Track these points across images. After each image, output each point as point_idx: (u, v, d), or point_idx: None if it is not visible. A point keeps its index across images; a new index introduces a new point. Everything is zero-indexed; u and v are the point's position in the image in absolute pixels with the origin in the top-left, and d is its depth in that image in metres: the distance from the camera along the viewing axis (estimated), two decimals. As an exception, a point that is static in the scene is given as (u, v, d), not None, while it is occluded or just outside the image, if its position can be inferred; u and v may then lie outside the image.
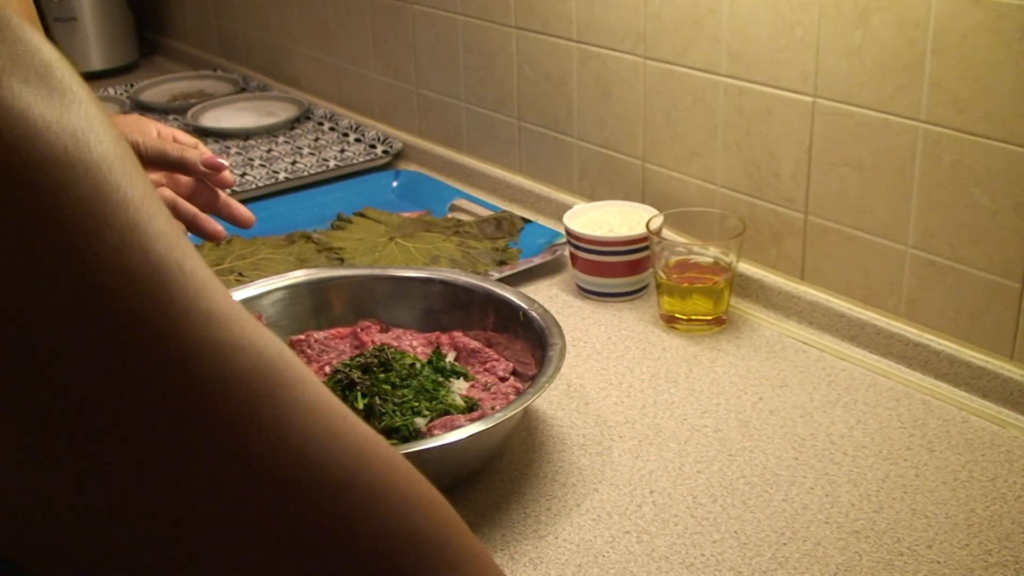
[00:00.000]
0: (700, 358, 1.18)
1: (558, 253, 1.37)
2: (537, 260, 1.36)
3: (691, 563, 0.88)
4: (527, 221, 1.47)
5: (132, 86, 2.19)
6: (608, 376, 1.15)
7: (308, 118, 1.94)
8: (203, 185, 1.11)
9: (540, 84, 1.51)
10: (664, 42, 1.30)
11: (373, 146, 1.78)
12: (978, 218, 1.05)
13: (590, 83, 1.43)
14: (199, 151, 1.07)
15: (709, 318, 1.22)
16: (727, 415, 1.08)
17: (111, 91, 2.16)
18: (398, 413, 0.96)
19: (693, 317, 1.22)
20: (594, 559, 0.89)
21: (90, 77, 2.31)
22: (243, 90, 2.13)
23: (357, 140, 1.82)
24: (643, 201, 1.38)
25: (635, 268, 1.29)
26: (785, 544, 0.90)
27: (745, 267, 1.27)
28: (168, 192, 1.09)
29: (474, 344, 1.10)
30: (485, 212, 1.52)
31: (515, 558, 0.89)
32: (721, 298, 1.22)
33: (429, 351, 1.09)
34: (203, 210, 1.10)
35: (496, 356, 1.09)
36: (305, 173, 1.69)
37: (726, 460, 1.01)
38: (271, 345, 0.38)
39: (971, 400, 1.08)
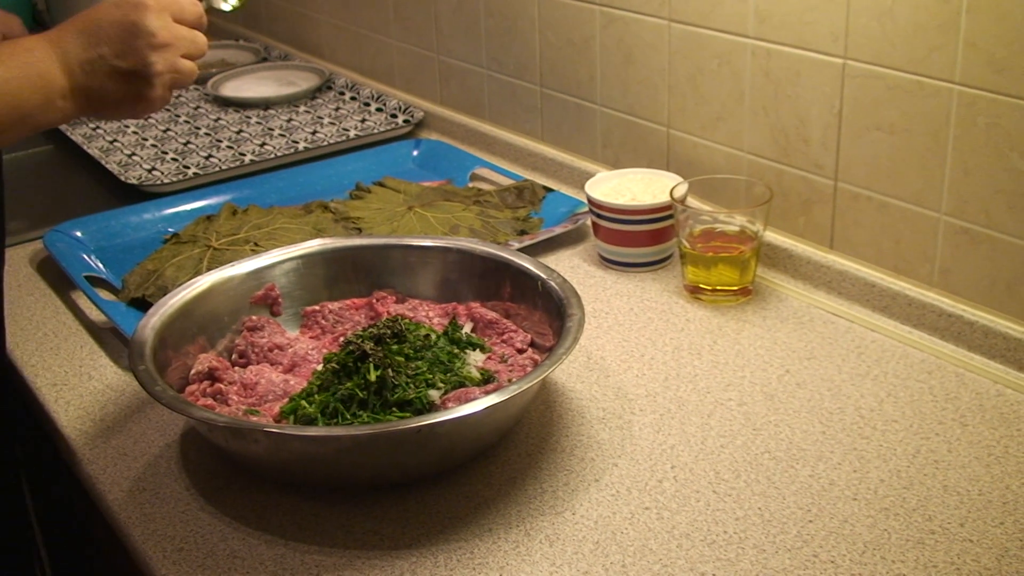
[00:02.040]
0: (725, 329, 1.15)
1: (580, 222, 1.34)
2: (558, 229, 1.33)
3: (713, 540, 0.85)
4: (549, 190, 1.44)
5: (153, 56, 2.17)
6: (630, 348, 1.12)
7: (329, 88, 1.91)
8: None
9: (562, 49, 1.47)
10: (689, 3, 1.26)
11: (394, 115, 1.75)
12: (1015, 183, 1.01)
13: (613, 47, 1.39)
14: None
15: (735, 288, 1.19)
16: (752, 388, 1.04)
17: (132, 61, 2.14)
18: (411, 385, 0.94)
19: (718, 287, 1.19)
20: (612, 536, 0.86)
21: (112, 48, 2.30)
22: (264, 59, 2.11)
23: (379, 110, 1.79)
24: (667, 168, 1.35)
25: (659, 237, 1.25)
26: (811, 521, 0.87)
27: (772, 236, 1.24)
28: None
29: (491, 315, 1.07)
30: (506, 181, 1.49)
31: (531, 534, 0.87)
32: (747, 268, 1.18)
33: (445, 322, 1.07)
34: None
35: (514, 327, 1.06)
36: (325, 143, 1.66)
37: (750, 434, 0.98)
38: None
39: (1006, 373, 1.04)
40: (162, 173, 1.57)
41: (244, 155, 1.63)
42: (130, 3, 0.94)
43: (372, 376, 0.93)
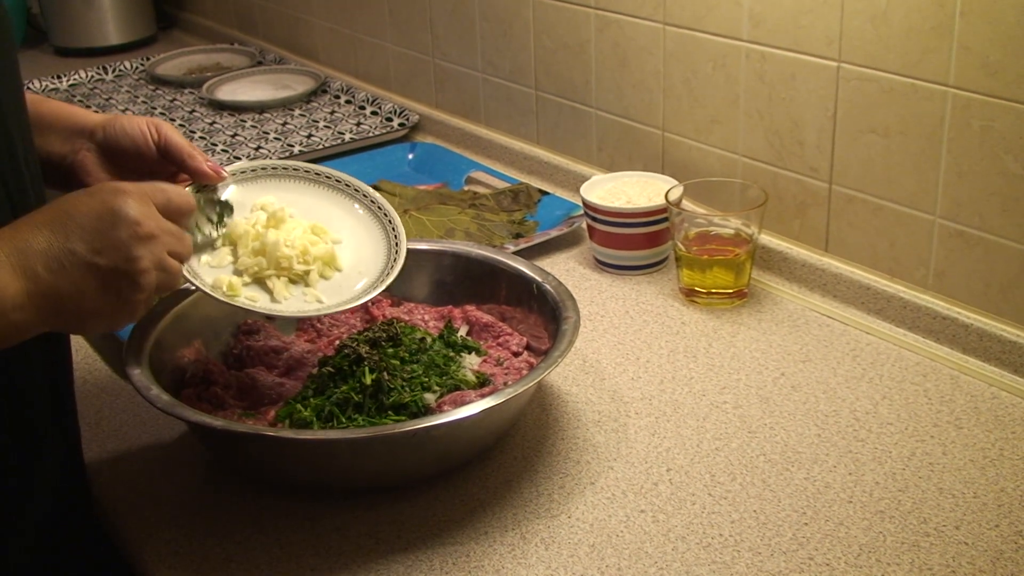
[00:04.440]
0: (720, 332, 1.15)
1: (575, 225, 1.34)
2: (554, 233, 1.33)
3: (709, 543, 0.85)
4: (544, 193, 1.44)
5: (148, 59, 2.17)
6: (625, 351, 1.12)
7: (324, 91, 1.91)
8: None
9: (558, 53, 1.47)
10: (684, 7, 1.26)
11: (390, 119, 1.75)
12: (1009, 186, 1.01)
13: (608, 51, 1.39)
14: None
15: (730, 291, 1.19)
16: (747, 391, 1.04)
17: (127, 64, 2.14)
18: (407, 389, 0.94)
19: (713, 290, 1.19)
20: (608, 539, 0.86)
21: (107, 52, 2.29)
22: (260, 63, 2.11)
23: (374, 113, 1.79)
24: (662, 171, 1.35)
25: (654, 240, 1.25)
26: (807, 524, 0.87)
27: (767, 239, 1.24)
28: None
29: (487, 318, 1.07)
30: (502, 184, 1.49)
31: (526, 538, 0.87)
32: (742, 271, 1.18)
33: (441, 325, 1.07)
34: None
35: (509, 330, 1.06)
36: (320, 146, 1.66)
37: (746, 437, 0.98)
38: None
39: (1001, 375, 1.04)
40: (157, 177, 1.56)
41: (239, 159, 1.63)
42: (106, 189, 0.79)
43: (368, 379, 0.93)
